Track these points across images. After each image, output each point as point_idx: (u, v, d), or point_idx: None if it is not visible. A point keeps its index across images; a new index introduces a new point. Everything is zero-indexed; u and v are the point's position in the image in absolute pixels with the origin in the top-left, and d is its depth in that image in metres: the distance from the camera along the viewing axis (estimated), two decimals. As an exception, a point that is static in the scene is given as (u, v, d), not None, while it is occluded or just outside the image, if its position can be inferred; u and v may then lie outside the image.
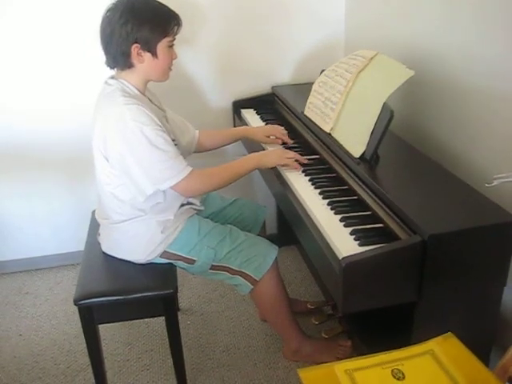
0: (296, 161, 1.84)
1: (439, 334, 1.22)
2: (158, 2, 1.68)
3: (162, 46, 1.66)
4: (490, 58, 1.61)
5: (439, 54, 1.85)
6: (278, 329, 2.02)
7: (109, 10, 1.63)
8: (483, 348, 1.51)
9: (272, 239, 1.96)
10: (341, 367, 1.05)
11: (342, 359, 1.95)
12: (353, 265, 1.27)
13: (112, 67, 1.72)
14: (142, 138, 1.59)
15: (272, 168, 1.87)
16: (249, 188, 2.69)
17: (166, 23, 1.65)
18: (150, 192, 1.67)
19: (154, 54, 1.66)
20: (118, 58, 1.65)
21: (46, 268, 2.74)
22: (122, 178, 1.69)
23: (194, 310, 2.39)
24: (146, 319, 2.26)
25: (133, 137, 1.59)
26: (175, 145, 1.82)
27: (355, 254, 1.29)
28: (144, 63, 1.67)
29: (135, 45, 1.62)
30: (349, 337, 2.07)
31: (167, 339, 1.80)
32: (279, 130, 2.06)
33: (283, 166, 1.84)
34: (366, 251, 1.31)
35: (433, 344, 1.10)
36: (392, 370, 1.04)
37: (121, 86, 1.68)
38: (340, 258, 1.32)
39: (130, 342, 2.21)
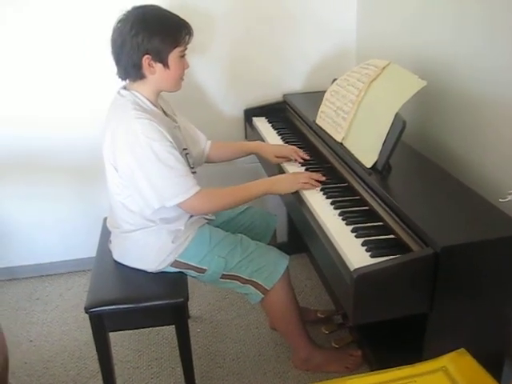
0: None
1: (451, 345, 1.21)
2: (169, 12, 1.67)
3: (173, 57, 1.65)
4: (502, 68, 1.60)
5: (451, 64, 1.85)
6: (288, 338, 2.02)
7: (120, 21, 1.62)
8: (496, 360, 1.50)
9: (282, 247, 1.96)
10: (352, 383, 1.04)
11: (351, 369, 1.98)
12: (364, 276, 1.26)
13: (123, 78, 1.71)
14: (151, 153, 1.58)
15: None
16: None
17: (176, 33, 1.64)
18: (157, 207, 1.67)
19: (166, 65, 1.65)
20: (130, 69, 1.65)
21: (56, 274, 2.75)
22: (130, 189, 1.69)
23: (204, 317, 2.38)
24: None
25: (141, 151, 1.59)
26: (187, 154, 1.82)
27: (367, 266, 1.29)
28: (156, 74, 1.66)
29: (146, 56, 1.61)
30: (359, 346, 2.06)
31: (177, 347, 1.81)
32: (292, 153, 2.00)
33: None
34: (377, 263, 1.30)
35: (446, 361, 1.08)
36: (404, 387, 1.04)
37: (133, 98, 1.67)
38: (351, 269, 1.31)
39: (140, 349, 2.21)
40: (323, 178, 1.79)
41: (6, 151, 2.47)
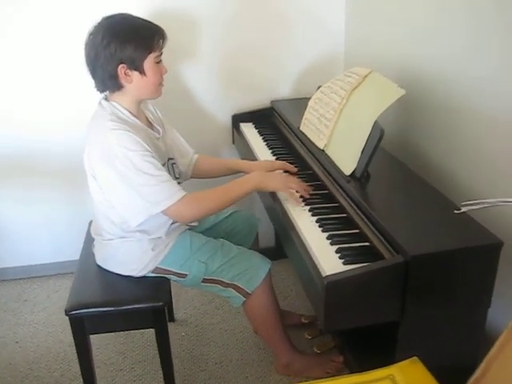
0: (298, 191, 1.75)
1: (423, 352, 1.22)
2: (140, 19, 1.66)
3: (148, 63, 1.63)
4: (490, 89, 1.61)
5: (435, 76, 1.86)
6: (270, 343, 2.03)
7: (91, 34, 1.61)
8: (467, 367, 1.51)
9: (269, 252, 1.98)
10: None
11: (332, 374, 1.98)
12: (335, 283, 1.28)
13: (102, 91, 1.70)
14: (129, 163, 1.57)
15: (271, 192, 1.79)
16: (247, 199, 2.69)
17: (149, 39, 1.62)
18: (142, 219, 1.64)
19: (142, 72, 1.63)
20: (107, 81, 1.63)
21: (45, 276, 2.76)
22: (111, 200, 1.68)
23: (190, 321, 2.40)
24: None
25: (119, 163, 1.57)
26: (173, 164, 1.82)
27: (338, 273, 1.30)
28: (133, 83, 1.64)
29: (121, 65, 1.60)
30: (341, 352, 2.07)
31: (160, 350, 1.82)
32: (286, 169, 1.93)
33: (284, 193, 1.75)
34: (348, 270, 1.32)
35: (394, 369, 1.09)
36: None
37: (112, 109, 1.66)
38: (323, 275, 1.33)
39: (124, 351, 2.22)
40: (307, 195, 1.75)
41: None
